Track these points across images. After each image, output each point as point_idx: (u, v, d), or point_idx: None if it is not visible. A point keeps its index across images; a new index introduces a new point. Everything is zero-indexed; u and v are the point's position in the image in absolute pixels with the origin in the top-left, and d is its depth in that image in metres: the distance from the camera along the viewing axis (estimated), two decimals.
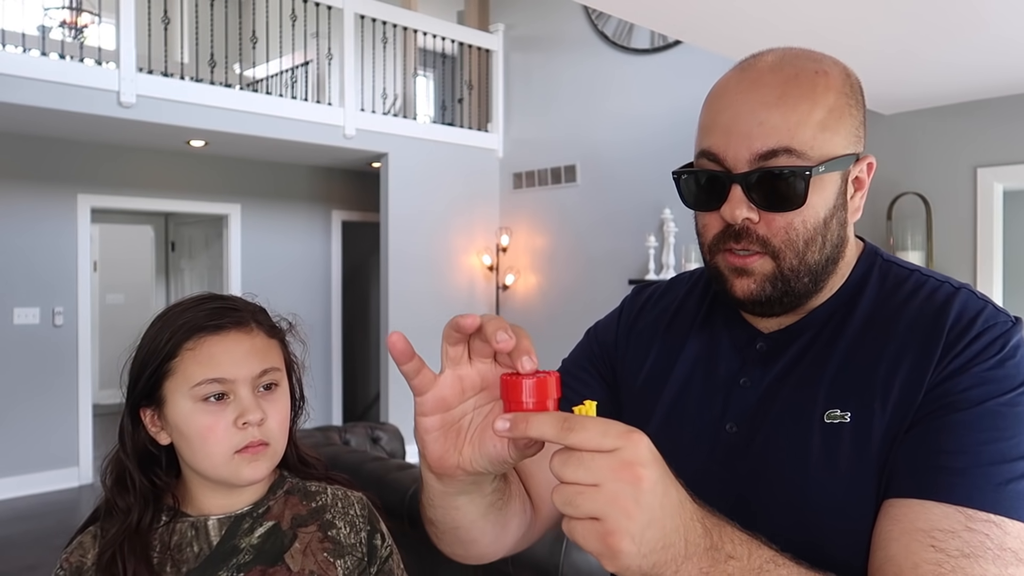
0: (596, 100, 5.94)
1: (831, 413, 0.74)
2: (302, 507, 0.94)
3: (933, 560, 0.63)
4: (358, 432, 3.55)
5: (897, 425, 0.71)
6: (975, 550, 0.62)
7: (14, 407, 5.16)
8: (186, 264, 7.33)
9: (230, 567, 0.87)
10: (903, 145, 4.32)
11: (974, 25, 2.80)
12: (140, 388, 0.90)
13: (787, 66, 0.75)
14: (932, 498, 0.66)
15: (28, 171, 5.23)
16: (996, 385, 0.68)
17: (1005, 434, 0.66)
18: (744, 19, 2.81)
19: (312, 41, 5.90)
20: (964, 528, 0.63)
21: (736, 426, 0.79)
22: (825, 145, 0.74)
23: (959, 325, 0.72)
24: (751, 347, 0.83)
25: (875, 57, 3.24)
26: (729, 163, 0.74)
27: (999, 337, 0.70)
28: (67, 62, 4.55)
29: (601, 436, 0.51)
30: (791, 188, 0.72)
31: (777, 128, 0.72)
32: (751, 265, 0.76)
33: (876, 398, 0.73)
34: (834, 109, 0.74)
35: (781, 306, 0.78)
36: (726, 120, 0.75)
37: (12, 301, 5.17)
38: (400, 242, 6.01)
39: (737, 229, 0.75)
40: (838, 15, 2.72)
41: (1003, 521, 0.63)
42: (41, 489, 5.24)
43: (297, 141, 5.42)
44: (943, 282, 0.77)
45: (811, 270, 0.76)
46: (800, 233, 0.74)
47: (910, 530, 0.65)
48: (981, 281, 4.06)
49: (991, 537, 0.63)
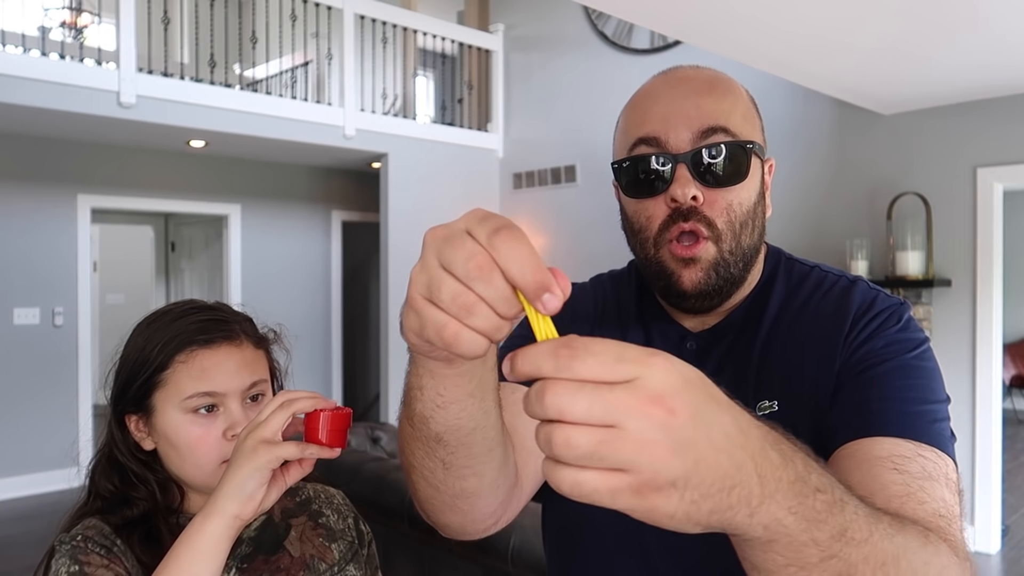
0: (596, 100, 5.94)
1: (761, 404, 0.79)
2: (288, 501, 0.98)
3: (900, 481, 0.65)
4: (358, 432, 3.55)
5: (822, 403, 0.76)
6: (932, 473, 0.67)
7: (14, 407, 5.16)
8: (186, 264, 7.33)
9: (235, 557, 0.89)
10: (903, 145, 4.32)
11: (973, 24, 2.80)
12: (129, 396, 0.90)
13: (705, 71, 0.84)
14: (878, 433, 0.70)
15: (28, 171, 5.23)
16: (903, 344, 0.76)
17: (920, 382, 0.74)
18: (743, 19, 2.81)
19: (312, 41, 5.90)
20: (917, 455, 0.68)
21: None
22: (749, 133, 0.80)
23: (861, 308, 0.79)
24: (682, 347, 0.86)
25: (875, 57, 3.24)
26: (671, 144, 0.78)
27: (895, 312, 0.79)
28: (67, 62, 4.55)
29: (616, 361, 0.39)
30: (735, 163, 0.78)
31: (713, 111, 0.78)
32: (698, 253, 0.79)
33: (797, 384, 0.78)
34: (749, 107, 0.83)
35: (719, 297, 0.81)
36: (662, 109, 0.80)
37: (12, 301, 5.17)
38: (400, 242, 6.01)
39: (685, 210, 0.78)
40: (837, 15, 2.72)
41: (941, 454, 0.69)
42: (41, 489, 5.24)
43: (297, 141, 5.42)
44: (840, 276, 0.85)
45: (744, 255, 0.80)
46: (738, 214, 0.79)
47: (869, 459, 0.68)
48: (981, 281, 4.07)
49: (939, 466, 0.68)
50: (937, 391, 0.75)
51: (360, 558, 0.99)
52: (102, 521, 0.89)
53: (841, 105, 4.44)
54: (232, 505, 0.75)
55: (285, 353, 1.01)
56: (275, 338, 1.00)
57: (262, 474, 0.75)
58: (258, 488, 0.75)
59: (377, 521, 2.12)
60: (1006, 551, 4.14)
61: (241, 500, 0.75)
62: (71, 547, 0.83)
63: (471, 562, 2.11)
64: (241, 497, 0.75)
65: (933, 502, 0.64)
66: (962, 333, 4.12)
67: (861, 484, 0.66)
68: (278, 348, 1.00)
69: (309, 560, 0.93)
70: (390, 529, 2.26)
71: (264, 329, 0.99)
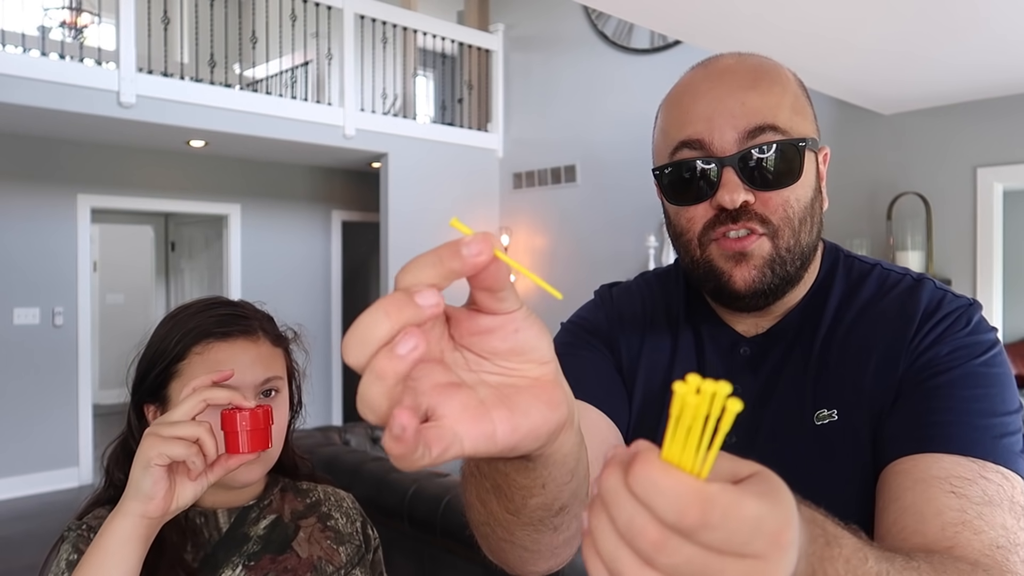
0: (596, 100, 5.94)
1: (820, 414, 0.75)
2: (298, 503, 0.99)
3: (956, 506, 0.61)
4: (358, 432, 3.55)
5: (882, 410, 0.72)
6: (993, 498, 0.62)
7: (14, 407, 5.16)
8: (186, 264, 7.33)
9: (242, 554, 0.90)
10: (903, 145, 4.32)
11: (974, 24, 2.80)
12: (147, 386, 0.93)
13: (749, 59, 0.78)
14: (938, 450, 0.65)
15: (28, 171, 5.23)
16: (971, 349, 0.71)
17: (990, 391, 0.68)
18: (744, 19, 2.81)
19: (312, 41, 5.90)
20: (979, 476, 0.63)
21: (736, 436, 0.74)
22: (799, 126, 0.75)
23: (928, 310, 0.74)
24: (735, 353, 0.81)
25: (875, 57, 3.24)
26: (716, 148, 0.73)
27: (963, 314, 0.74)
28: (67, 62, 4.55)
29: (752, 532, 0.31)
30: (787, 162, 0.73)
31: (759, 108, 0.73)
32: (749, 247, 0.74)
33: (858, 392, 0.74)
34: (798, 96, 0.77)
35: (775, 296, 0.77)
36: (704, 108, 0.74)
37: (12, 301, 5.17)
38: (400, 242, 6.01)
39: (733, 212, 0.73)
40: (837, 15, 2.72)
41: (1009, 473, 0.64)
42: (41, 489, 5.24)
43: (297, 141, 5.42)
44: (904, 275, 0.79)
45: (803, 252, 0.76)
46: (795, 211, 0.74)
47: (926, 478, 0.64)
48: (981, 281, 4.06)
49: (1003, 488, 0.63)
50: (1008, 400, 0.69)
51: (366, 563, 1.00)
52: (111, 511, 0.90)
53: (841, 105, 4.44)
54: (133, 504, 0.72)
55: (304, 354, 1.02)
56: (294, 338, 1.01)
57: (152, 471, 0.71)
58: (153, 485, 0.71)
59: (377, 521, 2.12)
60: None
61: (140, 498, 0.72)
62: (76, 535, 0.85)
63: (471, 562, 2.11)
64: (139, 495, 0.72)
65: (991, 531, 0.60)
66: None
67: (914, 505, 0.63)
68: (297, 348, 1.01)
69: (316, 562, 0.93)
70: (390, 529, 2.26)
71: (284, 329, 0.99)
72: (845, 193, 4.53)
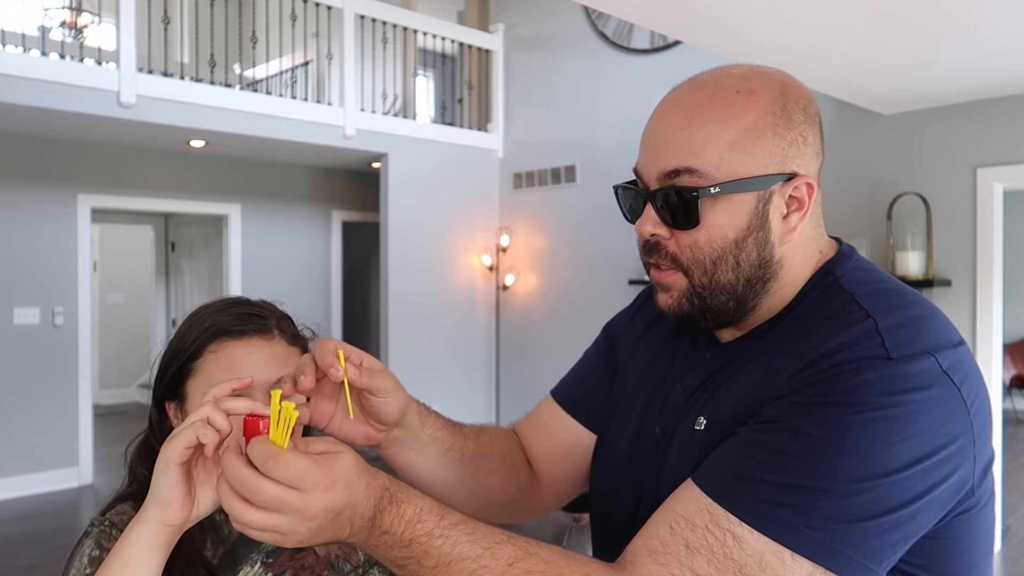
0: (596, 100, 5.94)
1: (698, 420, 0.79)
2: None
3: (661, 539, 0.68)
4: None
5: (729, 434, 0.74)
6: (699, 546, 0.66)
7: (14, 407, 5.16)
8: (186, 264, 7.33)
9: (260, 551, 0.91)
10: (903, 145, 4.32)
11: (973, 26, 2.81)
12: (165, 382, 0.94)
13: (709, 85, 0.77)
14: (702, 488, 0.69)
15: (28, 171, 5.23)
16: (821, 412, 0.66)
17: (806, 455, 0.65)
18: (743, 19, 2.81)
19: (312, 41, 5.90)
20: (704, 526, 0.66)
21: (662, 430, 0.84)
22: (734, 166, 0.73)
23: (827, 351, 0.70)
24: (702, 356, 0.85)
25: (875, 57, 3.24)
26: (645, 180, 0.78)
27: (851, 370, 0.67)
28: (67, 62, 4.55)
29: (297, 481, 0.60)
30: (687, 207, 0.74)
31: (682, 148, 0.74)
32: (667, 280, 0.79)
33: (728, 410, 0.76)
34: (751, 129, 0.73)
35: (707, 321, 0.80)
36: (646, 139, 0.79)
37: (12, 301, 5.17)
38: (400, 242, 6.01)
39: (651, 244, 0.79)
40: (837, 15, 2.72)
41: (746, 533, 0.65)
42: (41, 489, 5.24)
43: (297, 141, 5.42)
44: (862, 308, 0.72)
45: (725, 289, 0.76)
46: (706, 252, 0.76)
47: (668, 507, 0.71)
48: (981, 281, 4.06)
49: (723, 543, 0.65)
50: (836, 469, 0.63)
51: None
52: (135, 508, 0.90)
53: (841, 105, 4.44)
54: (152, 510, 0.71)
55: None
56: (312, 337, 1.01)
57: (169, 474, 0.70)
58: (170, 490, 0.70)
59: None
60: (1006, 551, 4.15)
61: (158, 504, 0.71)
62: (99, 531, 0.86)
63: None
64: (157, 501, 0.71)
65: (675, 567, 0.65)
66: (962, 333, 4.07)
67: (647, 523, 0.71)
68: None
69: (334, 560, 0.94)
70: None
71: (302, 328, 1.00)
72: (845, 193, 4.53)
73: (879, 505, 0.63)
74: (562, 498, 1.00)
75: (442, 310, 6.28)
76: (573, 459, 0.97)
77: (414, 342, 6.09)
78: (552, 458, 0.98)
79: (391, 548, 0.65)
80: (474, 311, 6.56)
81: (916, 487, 0.64)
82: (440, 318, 6.28)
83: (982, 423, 0.70)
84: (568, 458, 0.98)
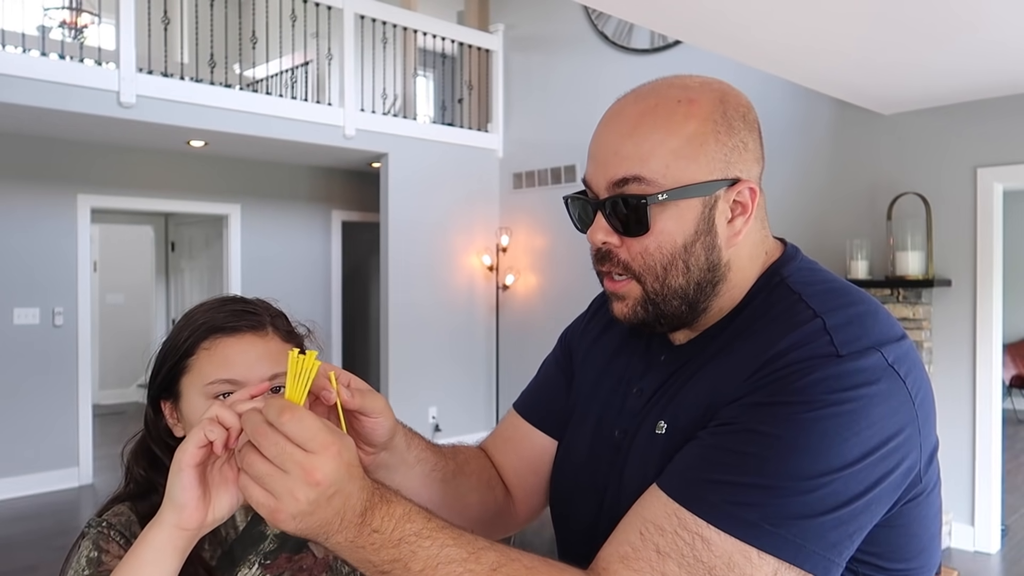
0: (596, 100, 5.94)
1: (658, 424, 0.80)
2: None
3: (632, 544, 0.68)
4: None
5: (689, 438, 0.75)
6: (669, 551, 0.66)
7: (14, 407, 5.16)
8: (186, 264, 7.33)
9: (258, 552, 0.91)
10: (903, 145, 4.32)
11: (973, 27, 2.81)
12: (160, 381, 0.94)
13: (651, 96, 0.79)
14: (668, 493, 0.69)
15: (28, 171, 5.23)
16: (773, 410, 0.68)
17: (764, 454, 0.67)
18: (743, 19, 2.82)
19: (312, 41, 5.90)
20: (672, 530, 0.67)
21: (622, 433, 0.85)
22: (679, 173, 0.75)
23: (777, 352, 0.72)
24: (657, 358, 0.86)
25: (875, 57, 3.24)
26: (594, 189, 0.80)
27: (801, 369, 0.69)
28: (67, 62, 4.55)
29: (308, 439, 0.60)
30: (637, 214, 0.76)
31: (629, 157, 0.76)
32: (621, 290, 0.81)
33: (688, 414, 0.77)
34: (694, 137, 0.76)
35: (662, 326, 0.82)
36: (593, 149, 0.80)
37: (12, 301, 5.17)
38: (400, 242, 6.01)
39: (603, 252, 0.80)
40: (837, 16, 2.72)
41: (713, 535, 0.66)
42: (41, 489, 5.24)
43: (297, 141, 5.42)
44: (809, 308, 0.75)
45: (677, 294, 0.78)
46: (657, 259, 0.77)
47: (635, 513, 0.71)
48: (981, 281, 4.07)
49: (692, 546, 0.66)
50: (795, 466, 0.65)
51: None
52: (132, 509, 0.91)
53: (841, 105, 4.44)
54: (168, 514, 0.70)
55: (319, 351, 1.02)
56: (308, 334, 1.01)
57: (183, 476, 0.69)
58: (183, 492, 0.69)
59: None
60: (1006, 551, 4.15)
61: (173, 508, 0.70)
62: (97, 532, 0.86)
63: None
64: (172, 504, 0.70)
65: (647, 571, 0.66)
66: (962, 333, 4.12)
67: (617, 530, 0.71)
68: (311, 345, 1.01)
69: (332, 562, 0.94)
70: None
71: (297, 325, 1.00)
72: (845, 193, 4.53)
73: (835, 498, 0.66)
74: (535, 510, 1.01)
75: (442, 310, 6.28)
76: (540, 471, 0.98)
77: (414, 342, 6.09)
78: (520, 472, 1.00)
79: (379, 549, 0.63)
80: (474, 311, 6.56)
81: (868, 478, 0.67)
82: (440, 318, 6.28)
83: (926, 412, 0.72)
84: (535, 471, 0.98)
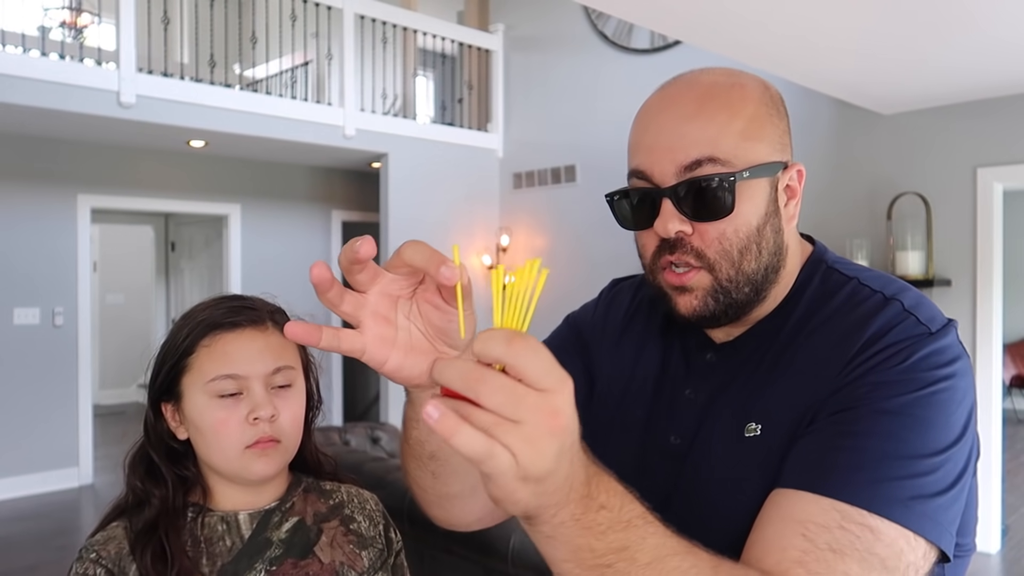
0: (596, 100, 5.94)
1: (748, 427, 0.75)
2: (321, 504, 0.98)
3: (801, 547, 0.63)
4: (358, 432, 3.55)
5: (797, 434, 0.72)
6: (843, 548, 0.63)
7: (14, 407, 5.16)
8: (186, 264, 7.33)
9: (264, 559, 0.89)
10: (903, 145, 4.32)
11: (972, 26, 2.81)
12: (160, 383, 0.93)
13: (703, 81, 0.77)
14: (812, 490, 0.66)
15: (28, 171, 5.23)
16: (896, 387, 0.68)
17: (902, 434, 0.66)
18: (743, 19, 2.82)
19: (312, 41, 5.90)
20: (837, 526, 0.64)
21: (679, 438, 0.81)
22: (749, 153, 0.74)
23: (875, 336, 0.71)
24: (701, 358, 0.83)
25: (875, 57, 3.24)
26: (656, 178, 0.76)
27: (909, 347, 0.70)
28: (67, 62, 4.55)
29: (544, 373, 0.46)
30: (718, 196, 0.73)
31: (698, 139, 0.74)
32: (689, 282, 0.76)
33: (787, 411, 0.73)
34: (755, 118, 0.76)
35: (727, 318, 0.78)
36: (649, 138, 0.77)
37: (12, 301, 5.17)
38: (400, 242, 5.98)
39: (672, 242, 0.76)
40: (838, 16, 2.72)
41: (878, 523, 0.63)
42: (41, 489, 5.24)
43: (297, 141, 5.42)
44: (876, 291, 0.76)
45: (749, 279, 0.76)
46: (733, 242, 0.75)
47: (786, 517, 0.66)
48: (981, 281, 4.06)
49: (862, 539, 0.63)
50: (928, 442, 0.66)
51: (388, 567, 0.99)
52: (128, 526, 0.90)
53: (841, 105, 4.44)
54: None
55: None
56: None
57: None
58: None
59: None
60: (1006, 551, 4.14)
61: None
62: (87, 563, 0.86)
63: (471, 562, 2.11)
64: None
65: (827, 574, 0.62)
66: (962, 333, 4.08)
67: (767, 539, 0.66)
68: None
69: (339, 568, 0.93)
70: None
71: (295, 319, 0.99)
72: (845, 193, 4.53)
73: (953, 473, 0.66)
74: None
75: None
76: None
77: None
78: None
79: (605, 532, 0.53)
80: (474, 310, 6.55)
81: (971, 448, 0.68)
82: None
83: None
84: None
